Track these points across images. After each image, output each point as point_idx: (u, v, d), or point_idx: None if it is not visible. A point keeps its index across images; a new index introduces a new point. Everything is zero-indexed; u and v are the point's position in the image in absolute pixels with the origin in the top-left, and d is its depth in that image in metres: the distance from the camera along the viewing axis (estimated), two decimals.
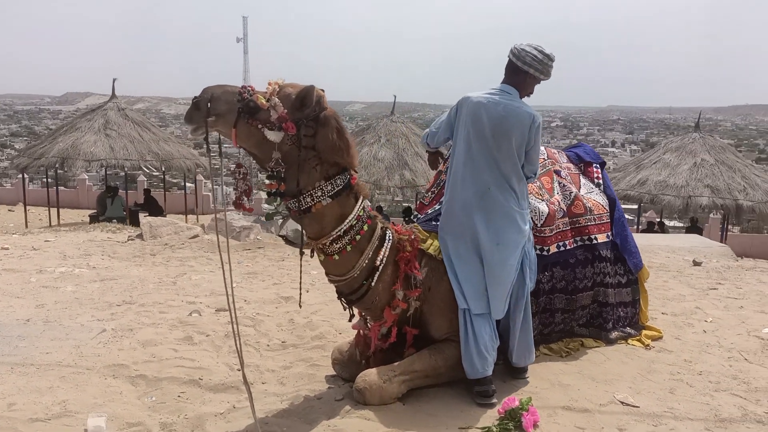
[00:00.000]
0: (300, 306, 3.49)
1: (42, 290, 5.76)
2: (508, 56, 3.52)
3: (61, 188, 22.03)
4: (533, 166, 3.59)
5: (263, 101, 3.04)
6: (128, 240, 8.89)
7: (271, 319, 4.99)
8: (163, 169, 17.01)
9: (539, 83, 3.57)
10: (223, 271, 2.92)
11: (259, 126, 3.05)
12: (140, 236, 8.96)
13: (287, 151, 3.11)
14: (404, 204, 19.30)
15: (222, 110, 3.03)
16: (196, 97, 3.04)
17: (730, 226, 18.31)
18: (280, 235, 9.22)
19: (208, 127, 3.03)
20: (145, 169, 17.28)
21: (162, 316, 4.99)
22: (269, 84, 3.13)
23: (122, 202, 16.00)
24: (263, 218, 9.76)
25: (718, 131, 65.33)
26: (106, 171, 18.58)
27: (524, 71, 3.48)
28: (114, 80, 16.64)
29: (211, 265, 7.09)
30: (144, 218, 9.78)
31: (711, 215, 19.24)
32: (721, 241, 13.02)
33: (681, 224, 21.18)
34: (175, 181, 31.87)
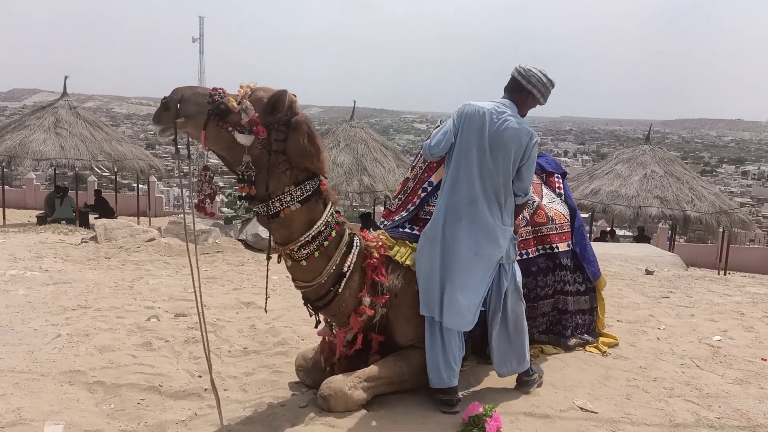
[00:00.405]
0: (266, 311, 3.47)
1: None
2: (513, 75, 3.55)
3: (7, 187, 21.31)
4: (524, 184, 3.57)
5: (234, 104, 3.01)
6: (82, 242, 8.67)
7: (232, 324, 4.93)
8: (115, 170, 16.62)
9: (535, 107, 3.61)
10: (192, 276, 2.88)
11: (230, 129, 3.03)
12: (94, 239, 8.75)
13: (257, 154, 3.09)
14: (361, 209, 19.28)
15: (191, 111, 2.99)
16: (165, 98, 2.99)
17: (676, 236, 18.88)
18: (239, 240, 9.12)
19: (177, 128, 2.98)
20: (97, 170, 16.87)
21: (119, 321, 4.87)
22: (241, 87, 3.11)
23: (72, 203, 15.57)
24: (222, 222, 9.67)
25: (665, 143, 67.45)
26: (55, 171, 18.06)
27: (528, 90, 3.52)
28: (66, 78, 16.27)
29: (168, 269, 6.96)
30: (98, 220, 9.54)
31: (660, 225, 19.83)
32: (669, 251, 13.43)
33: (630, 233, 21.77)
34: (125, 182, 31.20)
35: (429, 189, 3.96)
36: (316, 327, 3.71)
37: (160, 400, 3.54)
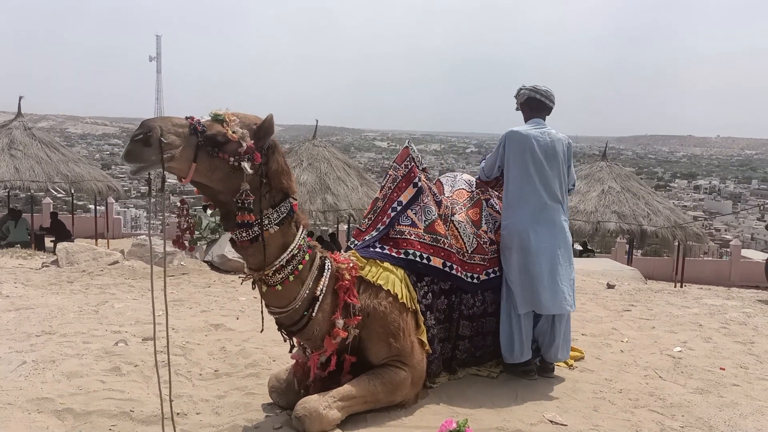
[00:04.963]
0: (261, 331, 3.55)
1: None
2: (534, 96, 4.39)
3: None
4: (572, 178, 4.51)
5: (231, 133, 2.99)
6: (42, 267, 8.47)
7: (202, 347, 4.89)
8: (72, 192, 16.29)
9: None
10: (165, 300, 2.87)
11: (231, 159, 2.99)
12: (55, 262, 8.55)
13: (250, 180, 3.09)
14: (323, 228, 19.25)
15: (177, 145, 2.86)
16: (138, 133, 2.77)
17: (633, 250, 19.33)
18: (205, 261, 9.03)
19: (164, 164, 2.80)
20: (53, 192, 16.52)
21: (86, 346, 4.78)
22: (225, 114, 3.07)
23: (27, 226, 15.20)
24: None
25: (621, 159, 69.03)
26: (9, 193, 17.63)
27: (549, 106, 4.44)
28: (20, 98, 15.96)
29: (133, 293, 6.86)
30: (60, 244, 9.32)
31: (618, 240, 20.28)
32: (627, 265, 13.75)
33: (579, 247, 22.22)
34: (80, 203, 30.55)
35: (398, 208, 4.01)
36: (290, 351, 3.72)
37: (131, 426, 3.49)
